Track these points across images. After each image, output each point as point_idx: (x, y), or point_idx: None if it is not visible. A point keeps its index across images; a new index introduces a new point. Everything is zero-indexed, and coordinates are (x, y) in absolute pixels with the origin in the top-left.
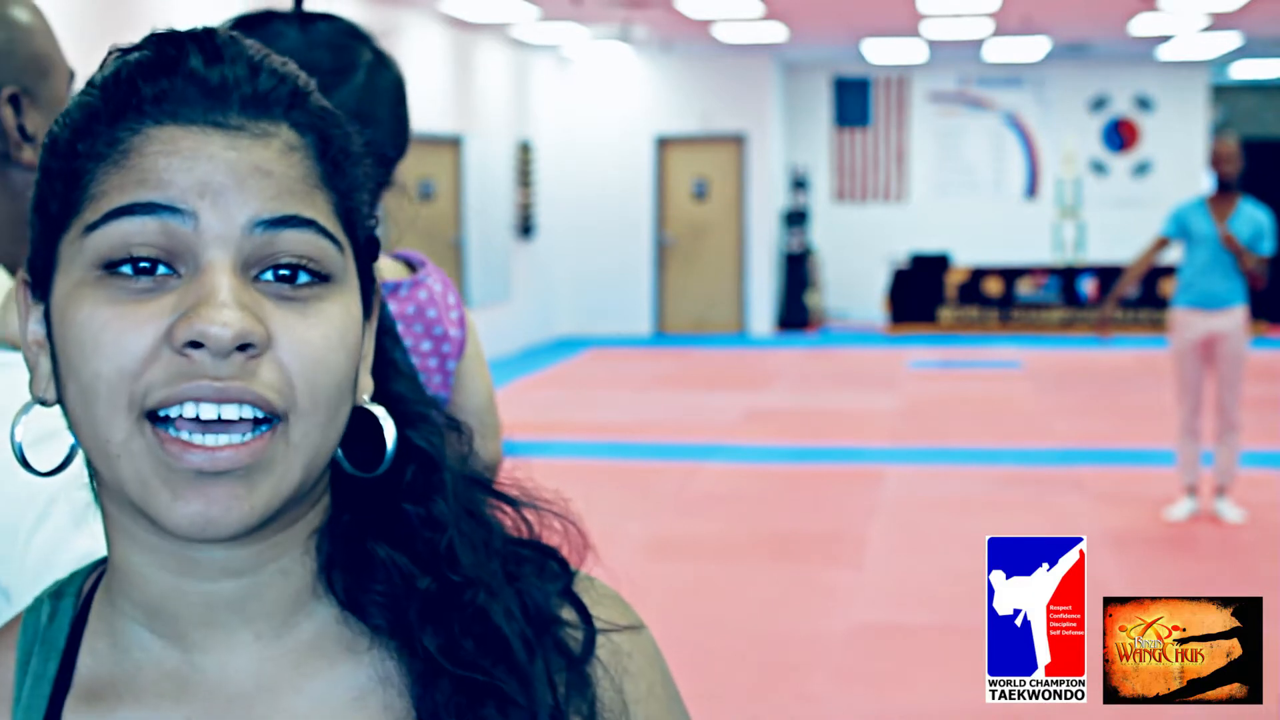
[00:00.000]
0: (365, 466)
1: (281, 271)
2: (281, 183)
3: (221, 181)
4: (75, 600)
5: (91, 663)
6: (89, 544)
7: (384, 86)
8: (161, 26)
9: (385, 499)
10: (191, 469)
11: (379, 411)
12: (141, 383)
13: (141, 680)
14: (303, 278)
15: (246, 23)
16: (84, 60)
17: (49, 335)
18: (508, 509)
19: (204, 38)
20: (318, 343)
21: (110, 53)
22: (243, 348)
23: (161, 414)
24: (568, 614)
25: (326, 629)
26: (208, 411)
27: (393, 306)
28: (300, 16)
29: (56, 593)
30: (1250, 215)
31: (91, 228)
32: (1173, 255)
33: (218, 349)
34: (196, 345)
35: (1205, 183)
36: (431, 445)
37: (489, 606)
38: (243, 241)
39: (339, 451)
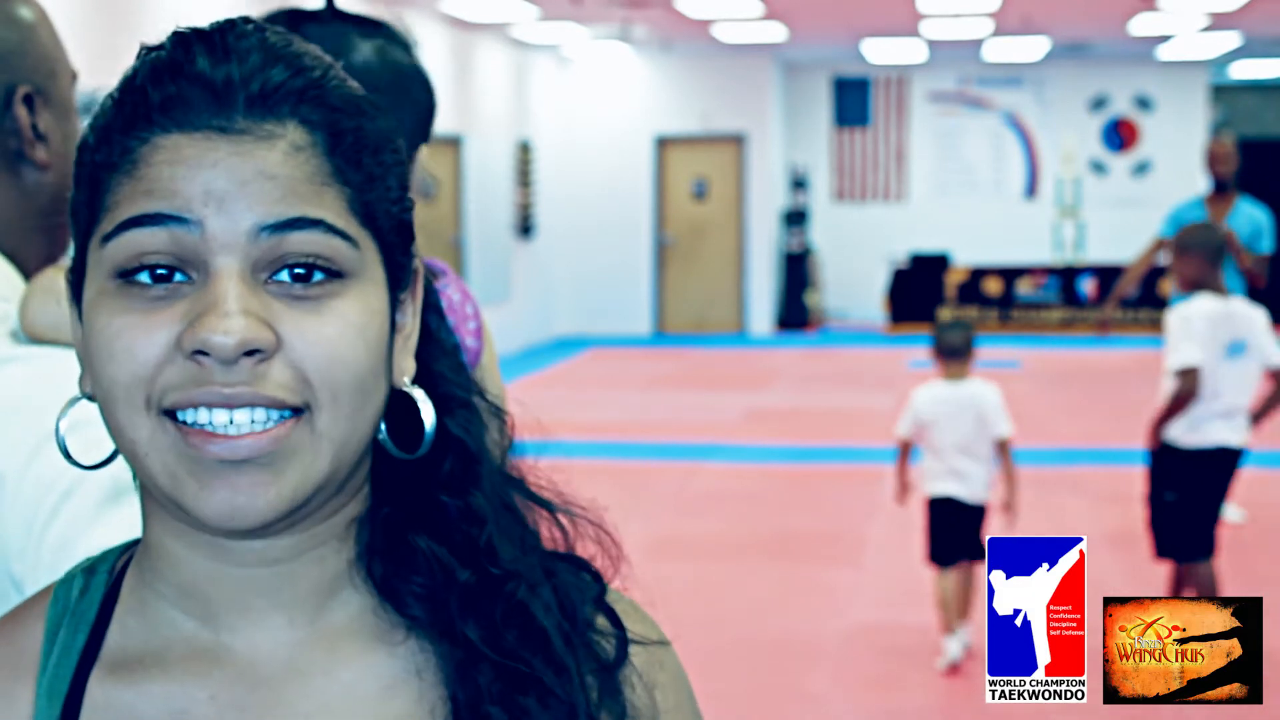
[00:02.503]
0: (407, 447)
1: (296, 271)
2: (286, 185)
3: (224, 188)
4: (108, 576)
5: (120, 637)
6: (103, 537)
7: (371, 87)
8: (184, 25)
9: (424, 490)
10: (215, 459)
11: (418, 395)
12: (157, 385)
13: (170, 656)
14: (317, 276)
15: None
16: (85, 60)
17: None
18: (543, 514)
19: (216, 34)
20: (333, 339)
21: (140, 50)
22: (250, 354)
23: (179, 416)
24: (601, 622)
25: (361, 617)
26: (220, 416)
27: None
28: (294, 17)
29: (89, 569)
30: (1248, 214)
31: (107, 238)
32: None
33: (222, 357)
34: (204, 353)
35: (1205, 183)
36: (470, 435)
37: (529, 600)
38: (249, 247)
39: (384, 432)
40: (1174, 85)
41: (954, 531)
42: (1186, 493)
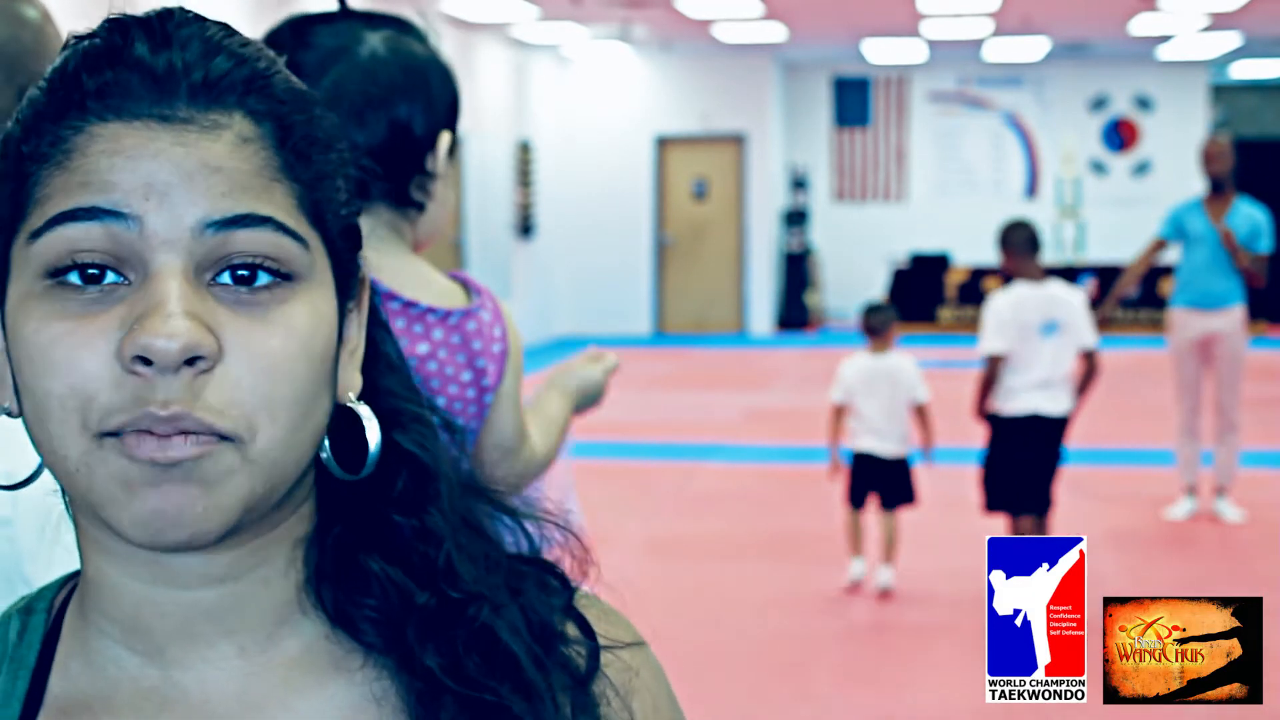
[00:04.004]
0: (355, 468)
1: (240, 273)
2: (233, 178)
3: (167, 180)
4: (46, 616)
5: (64, 682)
6: None
7: (379, 79)
8: (117, 11)
9: (376, 508)
10: (145, 459)
11: (363, 411)
12: (96, 406)
13: (118, 700)
14: (262, 278)
15: (268, 38)
16: None
17: (6, 343)
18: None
19: (155, 21)
20: (276, 352)
21: (66, 40)
22: (191, 361)
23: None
24: (571, 631)
25: (315, 645)
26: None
27: (438, 334)
28: (306, 21)
29: (26, 608)
30: (1247, 213)
31: (36, 234)
32: (1172, 255)
33: (164, 363)
34: (146, 361)
35: (1204, 183)
36: (424, 450)
37: (493, 623)
38: (193, 244)
39: (327, 453)
40: (1174, 85)
41: (869, 480)
42: (1010, 455)
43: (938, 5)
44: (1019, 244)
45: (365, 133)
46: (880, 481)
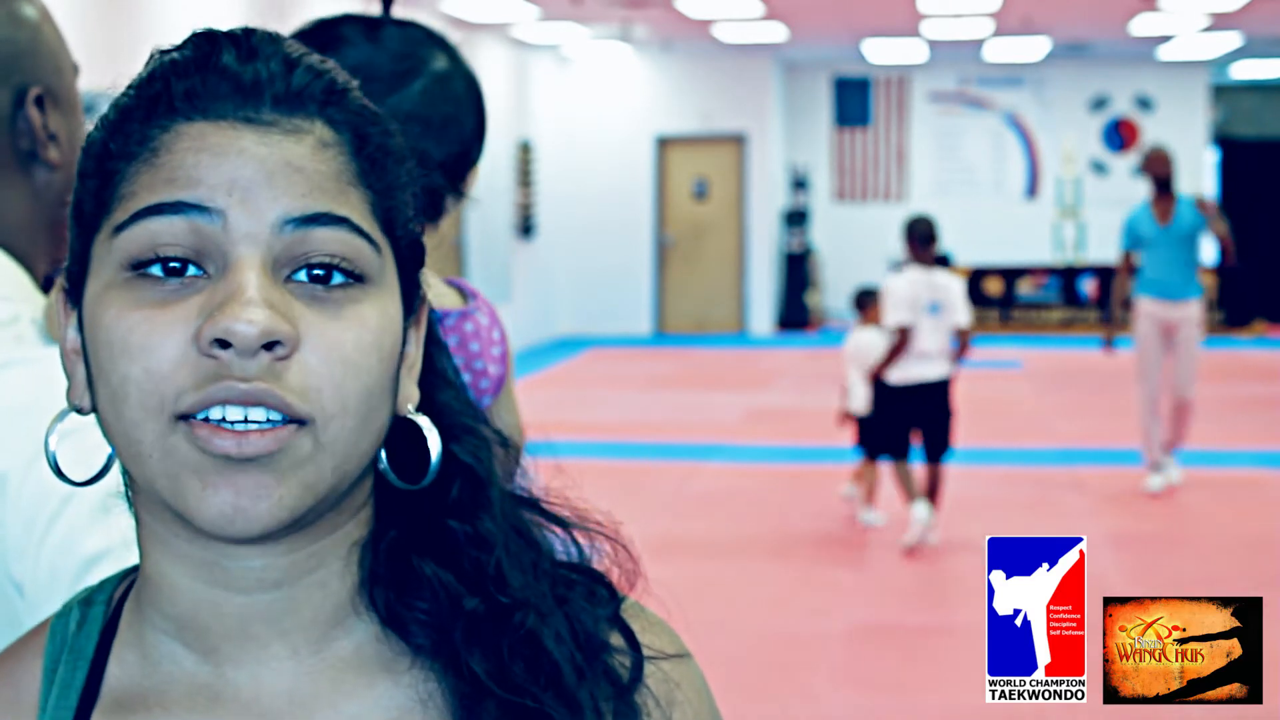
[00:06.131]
0: (411, 478)
1: (315, 272)
2: (313, 179)
3: (250, 178)
4: (105, 608)
5: (120, 674)
6: (103, 541)
7: (451, 94)
8: (201, 27)
9: (431, 515)
10: (220, 454)
11: (423, 422)
12: (171, 386)
13: (172, 694)
14: (336, 278)
15: (318, 29)
16: (85, 61)
17: (83, 340)
18: (557, 529)
19: (240, 36)
20: (348, 345)
21: (151, 54)
22: (270, 346)
23: (191, 417)
24: (616, 640)
25: (365, 646)
26: (234, 414)
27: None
28: (367, 21)
29: (86, 600)
30: (1189, 207)
31: (120, 228)
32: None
33: (244, 346)
34: (224, 345)
35: (1204, 184)
36: (478, 460)
37: (539, 630)
38: (272, 240)
39: (385, 463)
40: (1174, 85)
41: (860, 432)
42: (892, 414)
43: (938, 5)
44: (918, 236)
45: (441, 148)
46: (862, 431)
